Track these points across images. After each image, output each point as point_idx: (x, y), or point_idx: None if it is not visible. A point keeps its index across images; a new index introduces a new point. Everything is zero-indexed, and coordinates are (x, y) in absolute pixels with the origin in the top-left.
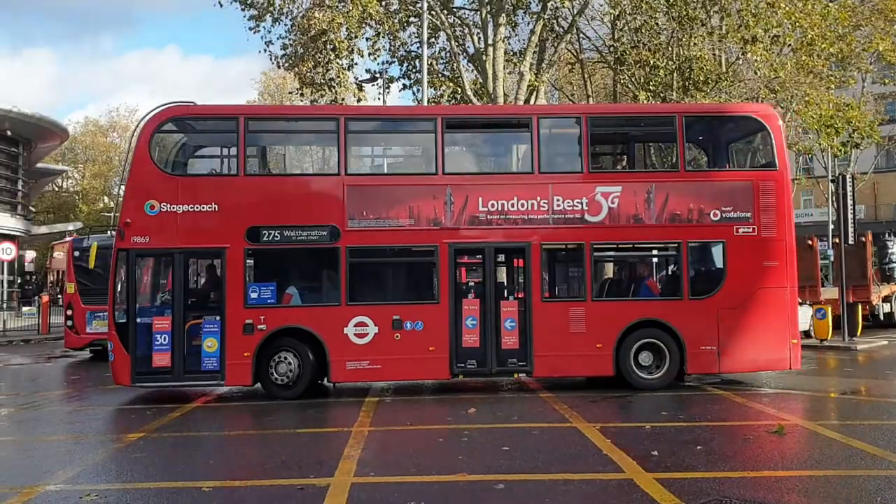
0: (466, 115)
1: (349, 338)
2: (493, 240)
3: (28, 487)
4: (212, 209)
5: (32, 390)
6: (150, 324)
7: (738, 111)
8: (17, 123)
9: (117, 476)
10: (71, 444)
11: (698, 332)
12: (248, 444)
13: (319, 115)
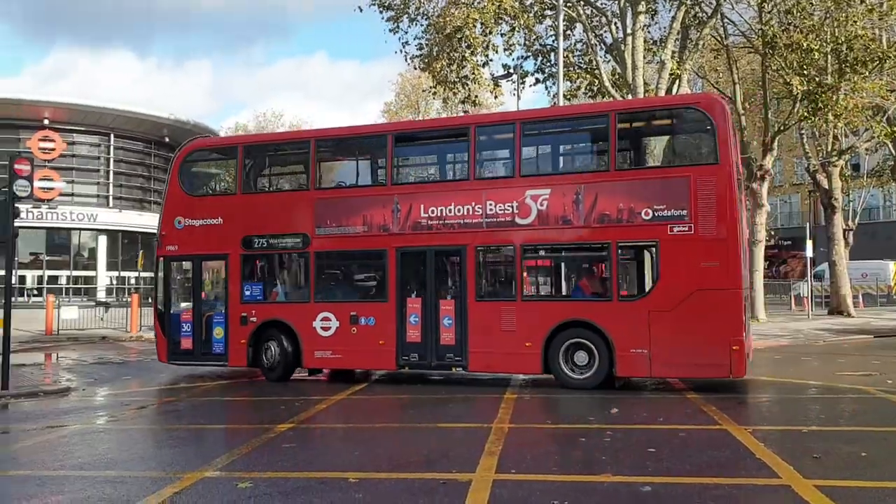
0: (413, 129)
1: (317, 330)
2: (434, 243)
3: (188, 473)
4: (218, 222)
5: (191, 382)
6: (179, 315)
7: (677, 102)
8: (175, 130)
9: (269, 465)
10: (228, 434)
11: (628, 334)
12: (390, 437)
13: (296, 139)
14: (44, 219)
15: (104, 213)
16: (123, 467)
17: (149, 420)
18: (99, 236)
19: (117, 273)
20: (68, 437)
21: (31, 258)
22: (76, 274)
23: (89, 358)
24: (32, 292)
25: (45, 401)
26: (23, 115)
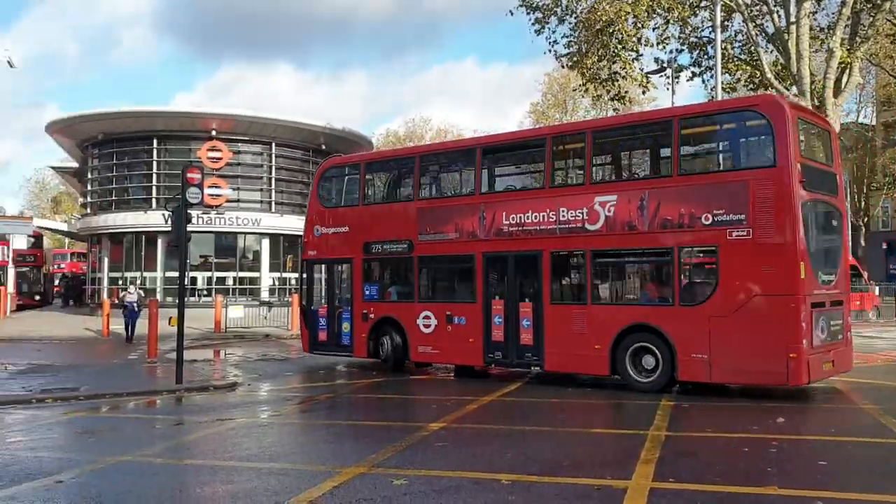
0: (497, 142)
1: (420, 327)
2: (514, 249)
3: (346, 468)
4: (345, 230)
5: (348, 378)
6: (317, 311)
7: (736, 105)
8: (330, 138)
9: (423, 463)
10: (381, 431)
11: (689, 338)
12: (542, 440)
13: (404, 156)
14: (212, 224)
15: (267, 218)
16: (286, 460)
17: (309, 415)
18: (262, 239)
19: (279, 274)
20: (236, 429)
21: (200, 260)
22: (241, 275)
23: (254, 355)
24: (203, 292)
25: (215, 395)
26: (193, 128)
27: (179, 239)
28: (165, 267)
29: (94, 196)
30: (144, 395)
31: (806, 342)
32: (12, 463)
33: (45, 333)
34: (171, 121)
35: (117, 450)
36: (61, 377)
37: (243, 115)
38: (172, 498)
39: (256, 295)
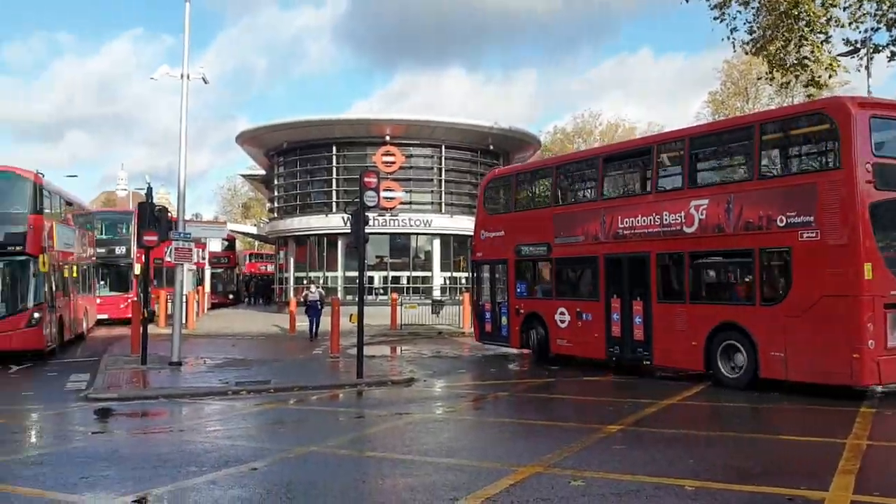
0: (613, 151)
1: (557, 323)
2: (628, 251)
3: (522, 466)
4: (501, 234)
5: (518, 377)
6: (484, 305)
7: (808, 109)
8: (498, 138)
9: (600, 465)
10: (558, 431)
11: (768, 337)
12: (726, 446)
13: (543, 167)
14: (387, 225)
15: (438, 219)
16: (462, 456)
17: (483, 412)
18: (433, 240)
19: (450, 273)
20: (413, 424)
21: (377, 260)
22: (415, 274)
23: (428, 352)
24: (379, 291)
25: (393, 390)
26: (369, 134)
27: (358, 240)
28: (345, 267)
29: (279, 201)
30: (328, 389)
31: (872, 343)
32: (213, 450)
33: (237, 330)
34: (347, 128)
35: (305, 440)
36: (253, 371)
37: (414, 119)
38: (356, 488)
39: (428, 294)
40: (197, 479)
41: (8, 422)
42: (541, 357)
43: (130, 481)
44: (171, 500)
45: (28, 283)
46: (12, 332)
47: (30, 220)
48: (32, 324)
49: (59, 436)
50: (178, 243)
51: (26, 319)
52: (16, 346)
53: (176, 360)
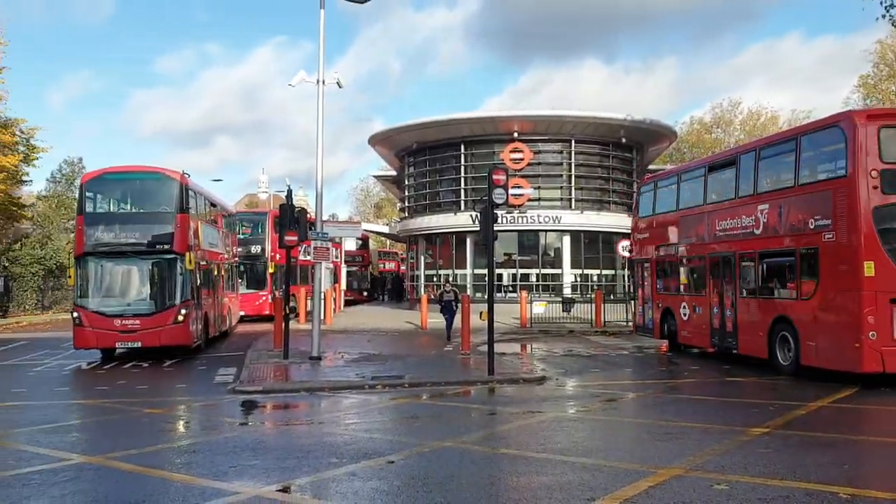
0: (715, 160)
1: (681, 315)
2: (721, 250)
3: (661, 468)
4: (647, 236)
5: (654, 377)
6: (638, 300)
7: (828, 122)
8: (630, 130)
9: (745, 468)
10: (697, 433)
11: (805, 328)
12: (886, 453)
13: (669, 175)
14: (515, 222)
15: (567, 215)
16: (598, 456)
17: (618, 412)
18: (563, 236)
19: (580, 271)
20: (547, 423)
21: (504, 258)
22: (544, 272)
23: (559, 350)
24: (508, 289)
25: (524, 388)
26: (496, 131)
27: (487, 238)
28: (474, 264)
29: (410, 200)
30: (460, 385)
31: (874, 334)
32: (352, 442)
33: (371, 326)
34: (475, 126)
35: (439, 435)
36: (388, 366)
37: (542, 114)
38: (492, 484)
39: (558, 291)
40: (337, 470)
41: (164, 412)
42: (672, 346)
43: (275, 471)
44: (313, 490)
45: (175, 281)
46: (160, 329)
47: (177, 219)
48: (179, 320)
49: (209, 426)
50: (317, 243)
51: (173, 316)
52: (164, 342)
53: (315, 354)
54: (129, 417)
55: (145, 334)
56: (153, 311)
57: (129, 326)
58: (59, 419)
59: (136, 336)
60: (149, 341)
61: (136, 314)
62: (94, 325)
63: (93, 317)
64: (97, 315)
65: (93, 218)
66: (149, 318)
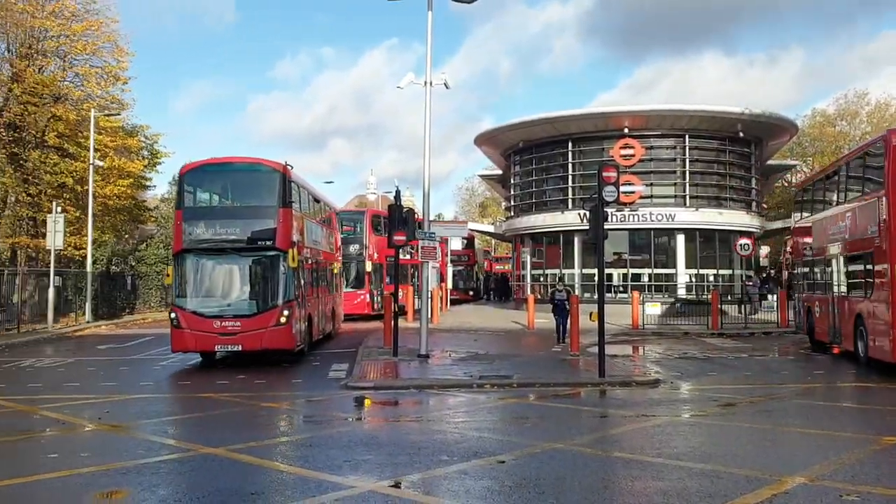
0: (828, 169)
1: (815, 314)
2: (833, 254)
3: (784, 476)
4: (799, 238)
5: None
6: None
7: (876, 140)
8: (748, 124)
9: (877, 479)
10: (823, 440)
11: (869, 323)
12: None
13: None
14: (626, 221)
15: (681, 213)
16: (717, 462)
17: (737, 417)
18: (677, 235)
19: (696, 271)
20: (662, 426)
21: (614, 258)
22: (657, 272)
23: (674, 352)
24: (618, 289)
25: (637, 390)
26: (606, 128)
27: (597, 237)
28: (582, 264)
29: (515, 199)
30: (570, 387)
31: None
32: (462, 441)
33: (478, 325)
34: (583, 123)
35: (549, 436)
36: (495, 365)
37: (654, 109)
38: (606, 488)
39: (672, 292)
40: (448, 467)
41: (281, 406)
42: (813, 345)
43: (388, 466)
44: (424, 487)
45: (277, 280)
46: (262, 332)
47: (279, 213)
48: (281, 322)
49: (324, 421)
50: (424, 242)
51: (275, 317)
52: (265, 345)
53: (424, 352)
54: (248, 411)
55: (246, 337)
56: (254, 313)
57: (228, 328)
58: (183, 411)
59: (236, 339)
60: (249, 344)
61: (237, 315)
62: (193, 326)
63: (191, 318)
64: (195, 316)
65: (191, 213)
66: (250, 320)
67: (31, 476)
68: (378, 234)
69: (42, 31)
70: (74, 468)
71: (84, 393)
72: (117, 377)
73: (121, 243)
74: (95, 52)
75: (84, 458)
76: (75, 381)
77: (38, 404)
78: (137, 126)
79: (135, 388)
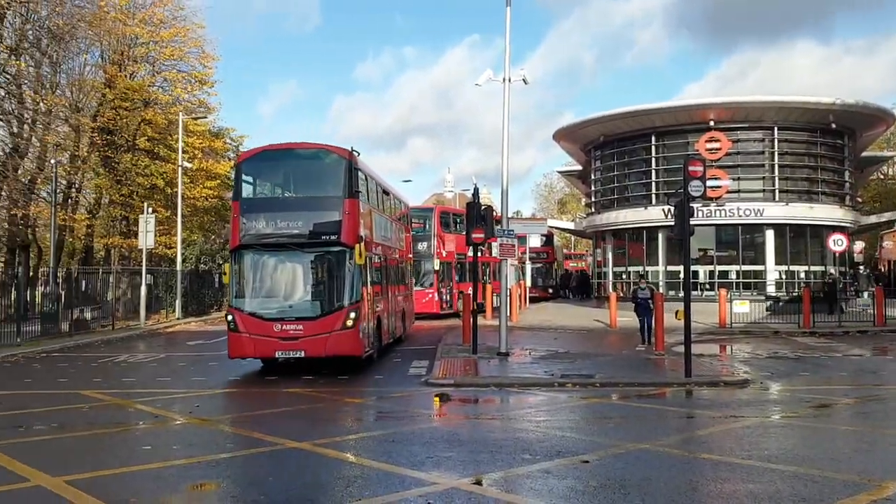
0: None
1: None
2: None
3: (884, 482)
4: None
5: (873, 382)
6: None
7: None
8: (840, 115)
9: None
10: None
11: None
12: None
13: None
14: (712, 216)
15: (770, 208)
16: (811, 465)
17: (832, 419)
18: (766, 230)
19: (786, 267)
20: (751, 428)
21: (700, 254)
22: (745, 268)
23: (763, 352)
24: (704, 286)
25: (724, 391)
26: (690, 121)
27: (683, 233)
28: (666, 261)
29: (596, 195)
30: (654, 387)
31: None
32: (544, 440)
33: (558, 323)
34: (667, 116)
35: (634, 437)
36: (576, 364)
37: (741, 101)
38: (693, 490)
39: (761, 289)
40: (530, 466)
41: (363, 402)
42: None
43: (469, 464)
44: (506, 485)
45: (343, 279)
46: (326, 336)
47: (344, 204)
48: (348, 325)
49: (406, 417)
50: (503, 239)
51: (341, 320)
52: (330, 351)
53: (503, 350)
54: (331, 406)
55: (309, 342)
56: (318, 315)
57: (290, 332)
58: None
59: (298, 344)
60: (313, 350)
61: (299, 318)
62: (251, 330)
63: (249, 320)
64: (254, 319)
65: (249, 204)
66: (313, 323)
67: (127, 467)
68: (447, 231)
69: (132, 38)
70: (167, 460)
71: (174, 387)
72: (206, 372)
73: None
74: (182, 57)
75: (176, 451)
76: (166, 375)
77: (132, 398)
78: (223, 129)
79: (222, 383)
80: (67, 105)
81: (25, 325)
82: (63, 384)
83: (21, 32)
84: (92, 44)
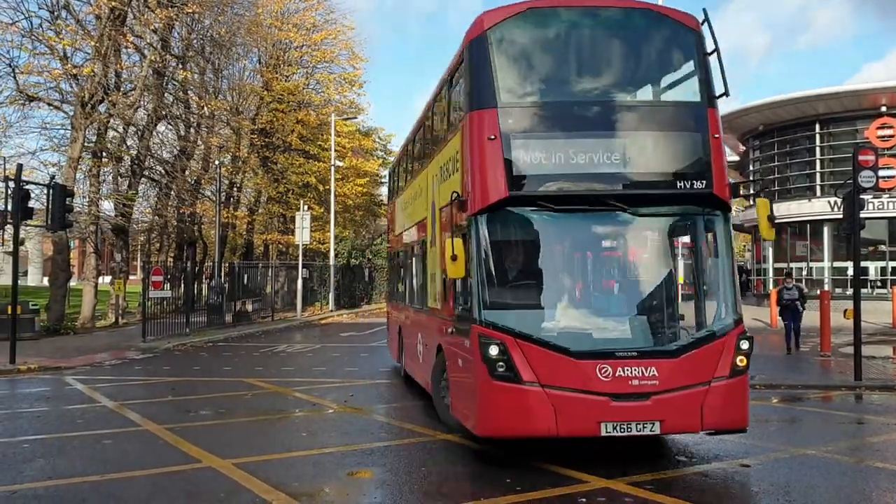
0: None
1: None
2: None
3: None
4: None
5: None
6: None
7: None
8: None
9: None
10: None
11: None
12: None
13: None
14: (884, 208)
15: None
16: None
17: None
18: None
19: None
20: None
21: (870, 249)
22: None
23: None
24: (876, 284)
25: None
26: (859, 107)
27: (853, 227)
28: (832, 257)
29: (755, 187)
30: (819, 390)
31: None
32: (700, 442)
33: None
34: (833, 102)
35: (797, 441)
36: None
37: None
38: (866, 499)
39: None
40: (686, 469)
41: None
42: None
43: (616, 465)
44: (660, 486)
45: (718, 273)
46: (699, 390)
47: (709, 120)
48: (738, 368)
49: None
50: None
51: (724, 358)
52: (710, 422)
53: None
54: None
55: (668, 403)
56: (680, 348)
57: (632, 386)
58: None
59: (647, 407)
60: (676, 421)
61: (645, 353)
62: (548, 377)
63: (544, 359)
64: (555, 355)
65: (520, 116)
66: (672, 364)
67: (289, 452)
68: None
69: (287, 42)
70: (324, 447)
71: (329, 377)
72: (358, 363)
73: (359, 238)
74: (333, 59)
75: (332, 438)
76: (322, 365)
77: (291, 386)
78: (372, 128)
79: (375, 373)
80: (229, 109)
81: (193, 316)
82: (227, 372)
83: (187, 42)
84: (250, 50)
